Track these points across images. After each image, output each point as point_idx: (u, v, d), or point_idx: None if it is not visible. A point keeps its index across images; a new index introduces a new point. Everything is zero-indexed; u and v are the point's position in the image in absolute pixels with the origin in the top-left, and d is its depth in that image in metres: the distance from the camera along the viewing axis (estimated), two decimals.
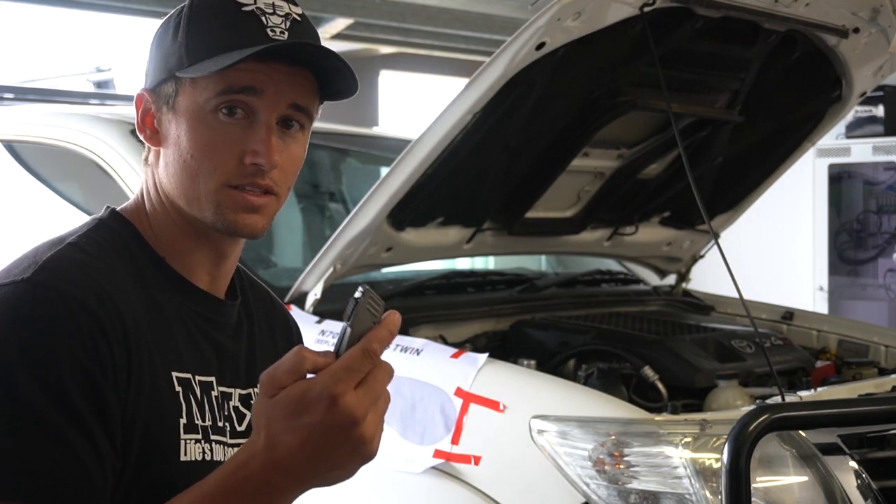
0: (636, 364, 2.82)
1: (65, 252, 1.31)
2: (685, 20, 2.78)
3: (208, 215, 1.36)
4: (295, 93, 1.36)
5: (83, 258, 1.31)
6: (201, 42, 1.35)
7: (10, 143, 3.64)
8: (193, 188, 1.36)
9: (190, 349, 1.38)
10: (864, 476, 2.26)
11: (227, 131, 1.34)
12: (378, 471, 2.47)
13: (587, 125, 3.06)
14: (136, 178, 3.11)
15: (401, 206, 2.81)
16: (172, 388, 1.32)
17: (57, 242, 1.34)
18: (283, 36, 1.35)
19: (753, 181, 3.69)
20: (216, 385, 1.40)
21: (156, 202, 1.41)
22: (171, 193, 1.39)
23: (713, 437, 2.24)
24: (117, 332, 1.25)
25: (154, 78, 1.40)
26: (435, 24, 7.45)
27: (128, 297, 1.30)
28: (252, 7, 1.35)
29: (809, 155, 6.69)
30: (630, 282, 3.95)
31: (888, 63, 3.30)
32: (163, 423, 1.30)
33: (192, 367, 1.37)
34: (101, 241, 1.36)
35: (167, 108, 1.38)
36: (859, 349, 3.44)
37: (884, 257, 7.31)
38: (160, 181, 1.40)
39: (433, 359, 2.54)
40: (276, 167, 1.35)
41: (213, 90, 1.33)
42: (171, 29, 1.39)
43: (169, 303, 1.37)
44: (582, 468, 2.26)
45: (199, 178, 1.35)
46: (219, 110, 1.34)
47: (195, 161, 1.35)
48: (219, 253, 1.43)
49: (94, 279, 1.27)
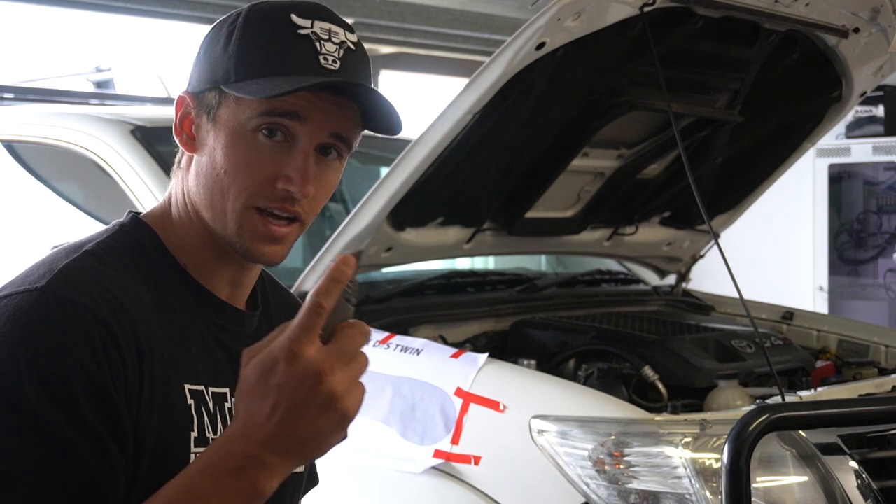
0: (636, 364, 2.82)
1: (81, 260, 1.29)
2: (685, 20, 2.77)
3: (230, 234, 1.35)
4: (338, 123, 1.35)
5: (99, 267, 1.29)
6: (252, 60, 1.33)
7: (10, 143, 3.64)
8: (221, 204, 1.34)
9: (205, 360, 1.36)
10: (864, 476, 2.26)
11: (265, 152, 1.32)
12: (378, 471, 2.47)
13: (587, 125, 3.06)
14: (136, 178, 3.12)
15: (401, 206, 2.81)
16: (185, 400, 1.31)
17: (74, 249, 1.32)
18: (335, 65, 1.33)
19: (753, 181, 3.69)
20: (230, 396, 1.39)
21: (181, 209, 1.39)
22: (197, 204, 1.37)
23: (713, 437, 2.24)
24: (130, 343, 1.24)
25: (199, 84, 1.37)
26: (435, 24, 7.46)
27: (143, 307, 1.29)
28: (308, 31, 1.33)
29: (809, 155, 6.70)
30: (630, 282, 3.95)
31: (888, 63, 3.29)
32: (174, 435, 1.29)
33: (206, 379, 1.35)
34: (121, 248, 1.35)
35: (207, 117, 1.36)
36: (859, 349, 3.44)
37: (884, 257, 7.31)
38: (188, 188, 1.38)
39: (433, 359, 2.54)
40: (308, 197, 1.34)
41: (257, 110, 1.31)
42: (222, 37, 1.36)
43: (187, 313, 1.36)
44: (582, 468, 2.26)
45: (229, 195, 1.34)
46: (259, 130, 1.32)
47: (228, 177, 1.33)
48: (241, 266, 1.41)
49: (109, 289, 1.26)
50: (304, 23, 1.33)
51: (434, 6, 7.27)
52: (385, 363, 2.55)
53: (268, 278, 1.55)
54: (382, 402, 2.50)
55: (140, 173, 3.11)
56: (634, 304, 3.71)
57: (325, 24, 1.34)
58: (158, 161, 3.15)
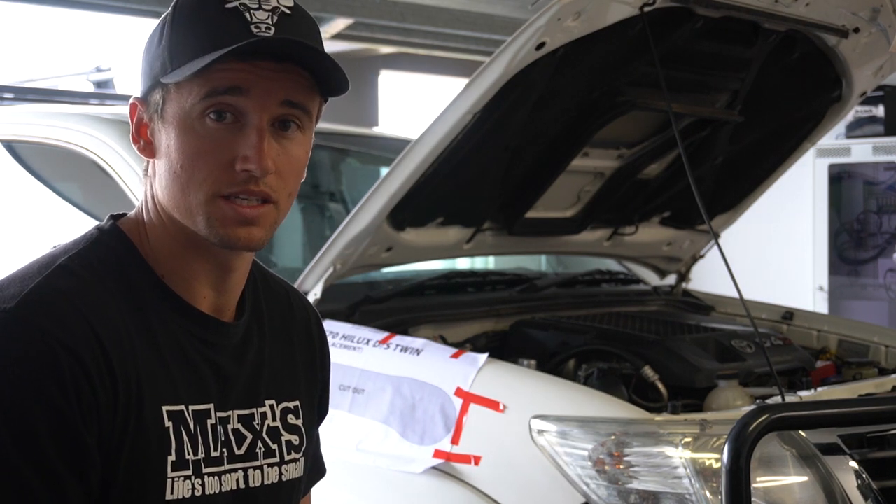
0: (636, 364, 2.82)
1: (53, 279, 1.25)
2: (685, 20, 2.77)
3: (202, 228, 1.30)
4: (285, 89, 1.29)
5: (72, 286, 1.25)
6: (183, 44, 1.28)
7: (10, 143, 3.64)
8: (185, 200, 1.29)
9: (186, 377, 1.33)
10: (864, 476, 2.26)
11: (216, 137, 1.27)
12: (378, 471, 2.47)
13: (587, 125, 3.06)
14: (136, 178, 3.12)
15: (401, 206, 2.81)
16: (162, 424, 1.28)
17: (48, 263, 1.29)
18: (268, 32, 1.27)
19: (753, 181, 3.69)
20: (214, 412, 1.35)
21: (154, 216, 1.35)
22: (166, 206, 1.32)
23: (713, 437, 2.24)
24: (101, 372, 1.21)
25: (143, 86, 1.34)
26: (435, 24, 7.45)
27: (117, 331, 1.25)
28: (235, 3, 1.27)
29: (809, 155, 6.69)
30: (630, 282, 3.95)
31: (888, 63, 3.29)
32: (148, 463, 1.26)
33: (186, 398, 1.32)
34: (96, 262, 1.31)
35: (157, 116, 1.31)
36: (859, 349, 3.44)
37: (884, 257, 7.31)
38: (156, 194, 1.34)
39: (433, 359, 2.54)
40: (269, 173, 1.28)
41: (198, 94, 1.26)
42: (157, 33, 1.32)
43: (165, 329, 1.32)
44: (582, 468, 2.26)
45: (190, 189, 1.28)
46: (206, 115, 1.27)
47: (185, 171, 1.28)
48: (222, 267, 1.36)
49: (81, 314, 1.23)
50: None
51: (434, 6, 7.26)
52: (385, 363, 2.55)
53: (259, 274, 1.50)
54: (382, 402, 2.50)
55: (140, 173, 3.11)
56: (634, 304, 3.71)
57: None
58: None
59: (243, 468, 1.38)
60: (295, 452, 1.46)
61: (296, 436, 1.46)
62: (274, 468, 1.42)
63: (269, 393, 1.43)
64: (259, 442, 1.40)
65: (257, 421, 1.41)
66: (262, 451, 1.41)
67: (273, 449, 1.42)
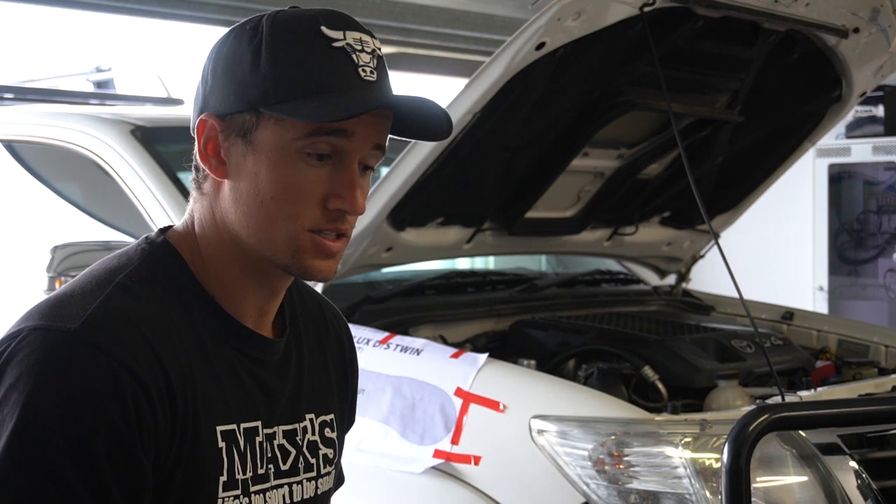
0: (636, 364, 2.82)
1: (115, 299, 1.26)
2: (685, 20, 2.77)
3: (283, 258, 1.31)
4: (379, 134, 1.32)
5: (133, 307, 1.26)
6: (292, 79, 1.27)
7: (10, 143, 3.64)
8: (270, 230, 1.30)
9: (237, 395, 1.34)
10: (864, 476, 2.26)
11: (313, 174, 1.29)
12: (378, 471, 2.47)
13: (587, 125, 3.06)
14: (136, 179, 3.11)
15: (401, 206, 2.81)
16: (216, 445, 1.29)
17: (106, 280, 1.29)
18: (373, 76, 1.30)
19: (753, 181, 3.69)
20: (261, 429, 1.36)
21: (211, 235, 1.35)
22: (237, 230, 1.32)
23: (713, 437, 2.24)
24: (162, 395, 1.23)
25: (224, 105, 1.31)
26: (435, 24, 7.45)
27: (175, 351, 1.27)
28: (342, 43, 1.29)
29: (809, 155, 6.69)
30: (630, 282, 3.95)
31: (888, 63, 3.29)
32: (201, 484, 1.28)
33: (237, 416, 1.33)
34: (153, 279, 1.31)
35: (242, 140, 1.30)
36: (859, 349, 3.44)
37: (884, 257, 7.31)
38: (224, 215, 1.33)
39: (433, 359, 2.54)
40: (362, 213, 1.33)
41: (302, 131, 1.27)
42: (247, 54, 1.29)
43: (217, 347, 1.33)
44: (582, 468, 2.26)
45: (278, 221, 1.29)
46: (306, 152, 1.28)
47: (275, 203, 1.29)
48: (273, 290, 1.39)
49: (144, 336, 1.24)
50: (337, 34, 1.30)
51: (434, 6, 7.26)
52: (385, 363, 2.55)
53: (295, 288, 1.51)
54: (382, 402, 2.50)
55: (140, 173, 3.11)
56: (634, 304, 3.71)
57: (356, 34, 1.32)
58: (158, 161, 3.15)
59: (287, 483, 1.39)
60: (329, 465, 1.48)
61: (331, 449, 1.49)
62: (312, 482, 1.44)
63: (308, 407, 1.45)
64: (301, 457, 1.42)
65: (300, 436, 1.42)
66: (303, 466, 1.42)
67: (312, 463, 1.44)
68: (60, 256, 2.84)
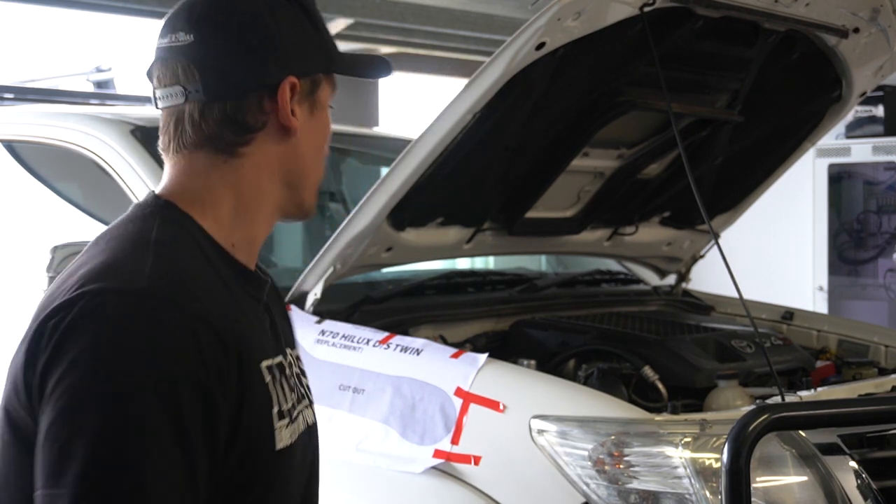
0: (636, 364, 2.82)
1: (164, 257, 1.31)
2: (685, 20, 2.77)
3: (310, 199, 1.49)
4: None
5: (183, 263, 1.32)
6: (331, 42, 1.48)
7: (10, 143, 3.64)
8: (317, 177, 1.49)
9: (261, 334, 1.41)
10: (864, 476, 2.26)
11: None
12: (378, 471, 2.47)
13: (587, 125, 3.06)
14: (136, 179, 3.11)
15: (401, 206, 2.81)
16: (263, 380, 1.35)
17: (142, 241, 1.33)
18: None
19: (753, 181, 3.69)
20: (283, 361, 1.45)
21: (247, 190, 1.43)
22: (295, 182, 1.47)
23: (713, 437, 2.24)
24: (227, 339, 1.27)
25: (307, 66, 1.44)
26: (435, 24, 7.45)
27: (222, 300, 1.33)
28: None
29: (809, 155, 6.70)
30: (630, 282, 3.95)
31: (888, 63, 3.29)
32: (261, 420, 1.33)
33: (269, 352, 1.40)
34: (177, 237, 1.37)
35: (309, 99, 1.44)
36: (859, 349, 3.44)
37: (884, 257, 7.32)
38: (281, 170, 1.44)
39: (433, 359, 2.54)
40: None
41: (331, 88, 1.48)
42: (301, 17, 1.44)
43: (238, 292, 1.40)
44: (582, 468, 2.26)
45: (320, 169, 1.50)
46: (329, 106, 1.49)
47: (322, 154, 1.49)
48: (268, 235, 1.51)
49: (202, 289, 1.30)
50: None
51: (434, 6, 7.26)
52: (385, 363, 2.55)
53: None
54: (382, 402, 2.50)
55: (140, 173, 3.11)
56: (634, 304, 3.71)
57: None
58: (158, 161, 3.13)
59: (301, 410, 1.48)
60: (311, 395, 1.57)
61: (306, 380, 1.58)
62: (309, 409, 1.53)
63: (286, 342, 1.54)
64: (298, 386, 1.51)
65: (290, 368, 1.50)
66: (304, 394, 1.52)
67: (304, 392, 1.53)
68: (60, 256, 2.84)
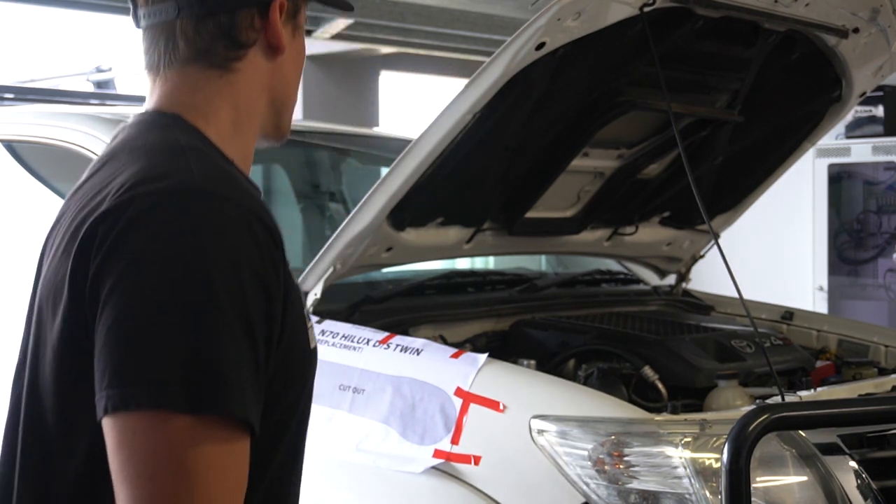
0: (636, 364, 2.82)
1: (204, 158, 1.31)
2: (685, 20, 2.78)
3: (287, 123, 1.49)
4: None
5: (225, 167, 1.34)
6: None
7: (10, 143, 3.64)
8: (294, 100, 1.51)
9: None
10: (864, 476, 2.26)
11: None
12: (378, 471, 2.47)
13: (587, 125, 3.06)
14: None
15: (401, 206, 2.81)
16: (294, 280, 1.36)
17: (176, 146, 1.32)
18: None
19: (753, 181, 3.69)
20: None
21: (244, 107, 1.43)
22: (281, 99, 1.47)
23: (713, 437, 2.24)
24: (278, 240, 1.28)
25: None
26: (435, 24, 7.45)
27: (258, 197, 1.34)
28: None
29: (809, 155, 6.70)
30: (630, 282, 3.95)
31: (888, 63, 3.30)
32: (298, 316, 1.34)
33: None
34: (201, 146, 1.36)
35: (293, 20, 1.46)
36: (859, 349, 3.44)
37: (884, 257, 7.32)
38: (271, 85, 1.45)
39: (433, 359, 2.54)
40: None
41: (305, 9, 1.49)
42: None
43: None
44: (582, 468, 2.26)
45: (297, 91, 1.51)
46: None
47: (300, 76, 1.50)
48: None
49: (247, 190, 1.31)
50: None
51: (434, 6, 7.27)
52: (385, 363, 2.55)
53: None
54: (382, 402, 2.50)
55: None
56: (634, 304, 3.71)
57: None
58: None
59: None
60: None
61: None
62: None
63: None
64: None
65: None
66: None
67: None
68: None
